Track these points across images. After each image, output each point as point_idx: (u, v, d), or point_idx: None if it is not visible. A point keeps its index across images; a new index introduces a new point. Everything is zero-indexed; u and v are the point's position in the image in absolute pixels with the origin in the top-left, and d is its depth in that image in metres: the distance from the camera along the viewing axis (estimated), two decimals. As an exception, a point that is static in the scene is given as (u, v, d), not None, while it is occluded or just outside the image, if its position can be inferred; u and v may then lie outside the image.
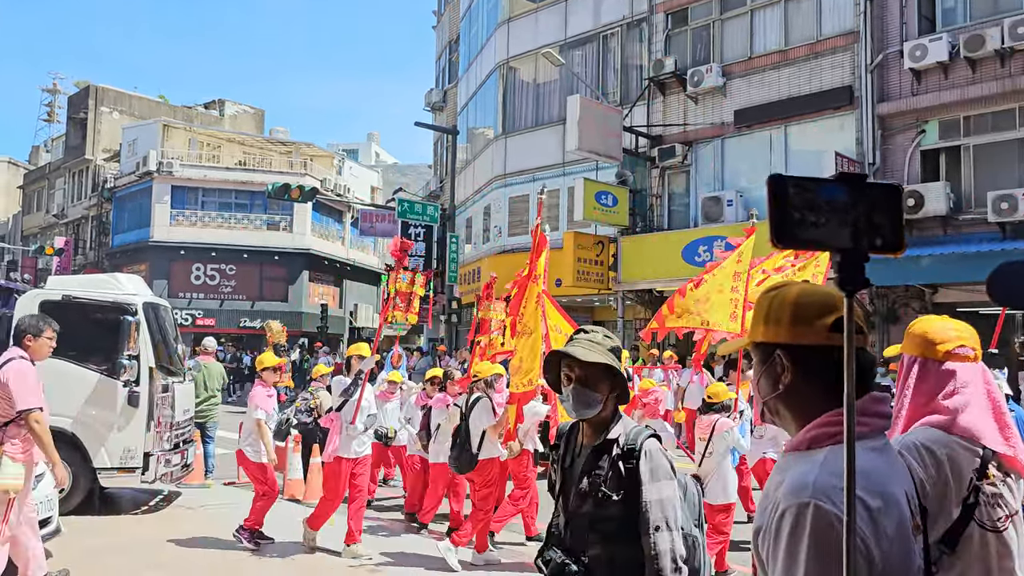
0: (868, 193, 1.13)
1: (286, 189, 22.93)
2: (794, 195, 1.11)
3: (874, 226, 1.12)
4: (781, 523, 1.31)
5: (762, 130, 16.75)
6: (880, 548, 1.28)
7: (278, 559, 6.96)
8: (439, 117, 30.91)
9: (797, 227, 1.11)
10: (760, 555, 1.40)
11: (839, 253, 1.12)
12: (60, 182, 47.17)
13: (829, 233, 1.11)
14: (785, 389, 1.48)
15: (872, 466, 1.36)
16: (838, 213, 1.11)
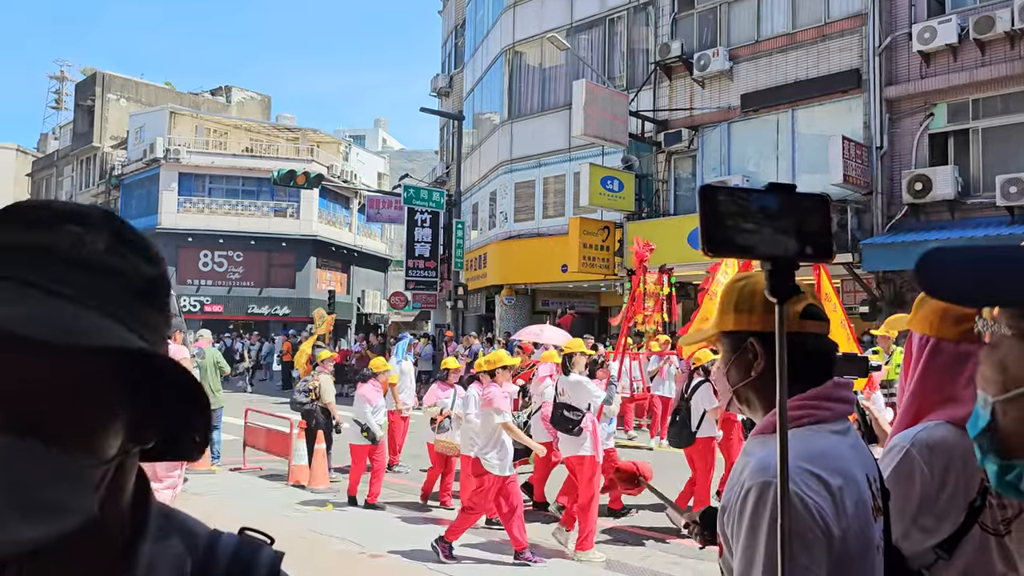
0: (798, 202, 1.16)
1: (292, 176, 22.92)
2: (725, 203, 1.13)
3: (804, 234, 1.14)
4: (744, 502, 1.33)
5: (769, 114, 16.63)
6: (839, 526, 1.30)
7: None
8: (445, 103, 30.82)
9: (729, 234, 1.13)
10: (724, 532, 1.42)
11: (770, 261, 1.14)
12: (68, 169, 47.32)
13: (760, 241, 1.13)
14: (758, 376, 1.49)
15: (833, 448, 1.40)
16: (770, 221, 1.13)
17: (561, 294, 23.11)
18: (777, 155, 16.61)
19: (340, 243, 39.90)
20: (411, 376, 11.85)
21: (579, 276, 18.65)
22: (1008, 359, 0.71)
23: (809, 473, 1.32)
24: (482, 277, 24.06)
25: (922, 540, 1.58)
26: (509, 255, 22.17)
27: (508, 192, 22.52)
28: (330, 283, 38.15)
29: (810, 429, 1.41)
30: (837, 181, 14.20)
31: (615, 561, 6.69)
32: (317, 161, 37.25)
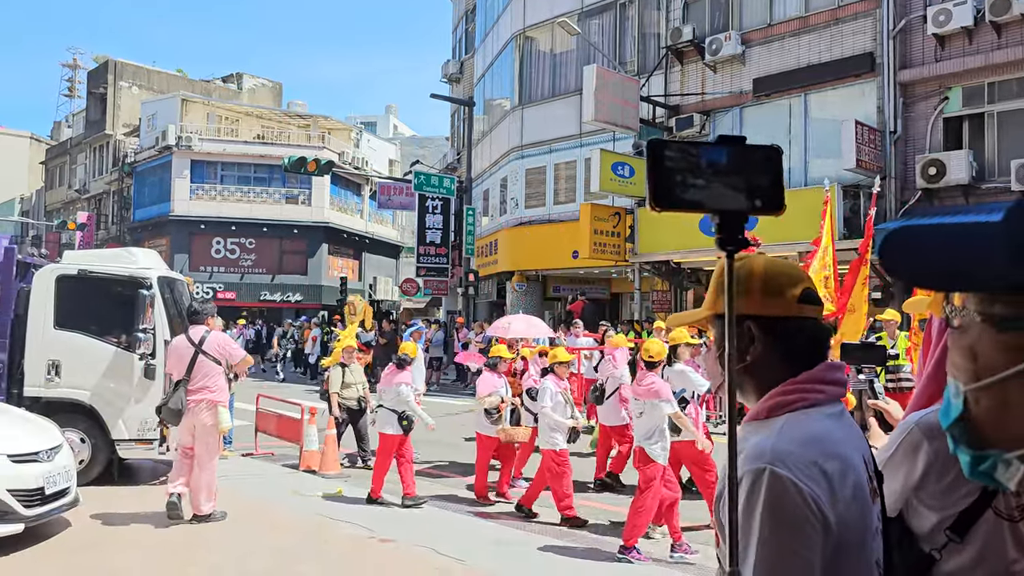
0: (748, 155, 1.14)
1: (302, 163, 22.93)
2: (674, 158, 1.12)
3: (754, 187, 1.13)
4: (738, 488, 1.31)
5: (781, 99, 16.49)
6: (835, 511, 1.29)
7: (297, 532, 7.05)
8: (456, 88, 30.73)
9: (677, 190, 1.12)
10: (720, 520, 1.40)
11: (719, 214, 1.14)
12: (82, 157, 47.53)
13: (708, 195, 1.13)
14: (752, 360, 1.47)
15: (827, 432, 1.38)
16: (719, 176, 1.12)
17: (572, 280, 23.07)
18: (790, 140, 16.48)
19: (352, 230, 39.96)
20: (421, 362, 11.88)
21: (590, 262, 18.61)
22: (978, 346, 0.68)
23: (803, 458, 1.30)
24: (493, 263, 24.04)
25: (930, 517, 1.55)
26: (520, 241, 22.14)
27: (519, 178, 22.46)
28: (342, 270, 38.23)
29: (804, 413, 1.39)
30: (850, 166, 14.09)
31: (598, 539, 6.69)
32: (328, 148, 37.26)
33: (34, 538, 6.29)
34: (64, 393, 8.46)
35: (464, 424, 14.31)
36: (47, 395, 8.45)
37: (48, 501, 6.30)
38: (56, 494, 6.39)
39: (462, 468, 10.24)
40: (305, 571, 5.80)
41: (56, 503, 6.41)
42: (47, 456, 6.40)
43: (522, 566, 5.99)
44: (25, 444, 6.33)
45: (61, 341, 8.51)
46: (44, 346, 8.50)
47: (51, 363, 8.47)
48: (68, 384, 8.48)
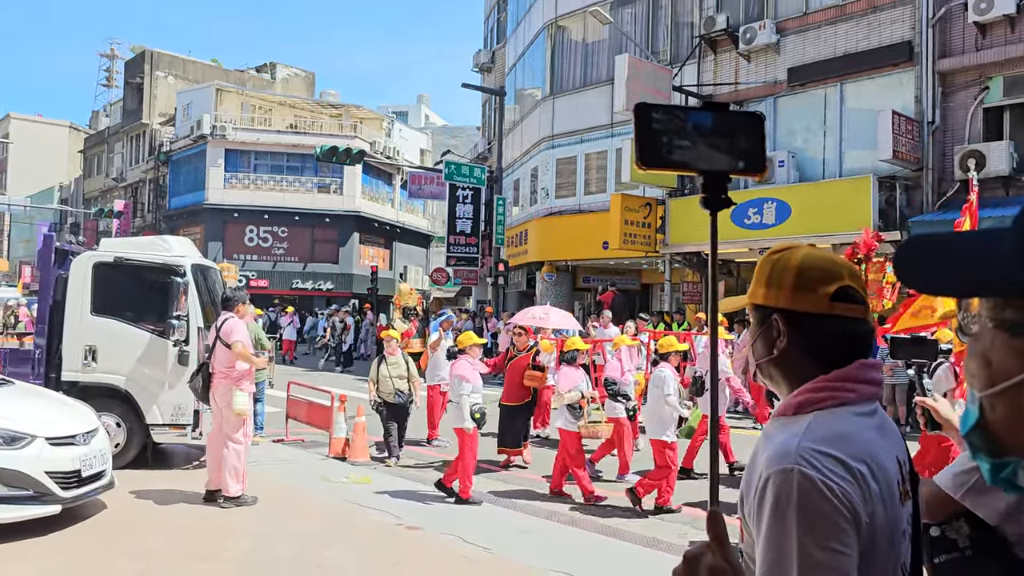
0: (732, 119, 1.20)
1: (334, 152, 23.06)
2: (660, 121, 1.17)
3: (737, 150, 1.19)
4: (764, 490, 1.29)
5: (817, 88, 16.26)
6: (866, 510, 1.26)
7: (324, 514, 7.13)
8: (487, 78, 30.69)
9: (663, 150, 1.17)
10: (745, 520, 1.38)
11: (703, 175, 1.19)
12: (119, 146, 48.25)
13: (693, 155, 1.18)
14: (779, 354, 1.46)
15: (857, 431, 1.35)
16: (703, 137, 1.17)
17: (602, 271, 23.00)
18: (824, 130, 16.25)
19: (383, 219, 40.16)
20: (443, 352, 11.89)
21: (620, 253, 18.52)
22: (991, 352, 0.68)
23: (830, 457, 1.27)
24: (523, 254, 24.04)
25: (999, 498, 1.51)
26: (550, 231, 22.11)
27: (550, 168, 22.41)
28: (373, 259, 38.45)
29: (832, 412, 1.36)
30: (886, 157, 13.87)
31: (618, 529, 6.70)
32: (360, 137, 37.43)
33: (71, 519, 6.43)
34: (100, 378, 8.63)
35: (492, 414, 14.34)
36: (84, 380, 8.61)
37: (85, 483, 6.44)
38: (92, 476, 6.53)
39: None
40: (333, 556, 5.87)
41: (92, 485, 6.54)
42: (84, 439, 6.53)
43: (548, 554, 6.01)
44: (63, 427, 6.47)
45: (98, 327, 8.67)
46: (81, 332, 8.67)
47: (88, 348, 8.64)
48: (104, 369, 8.64)
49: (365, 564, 5.72)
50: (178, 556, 5.81)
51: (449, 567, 5.75)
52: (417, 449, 10.74)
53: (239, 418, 7.33)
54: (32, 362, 9.01)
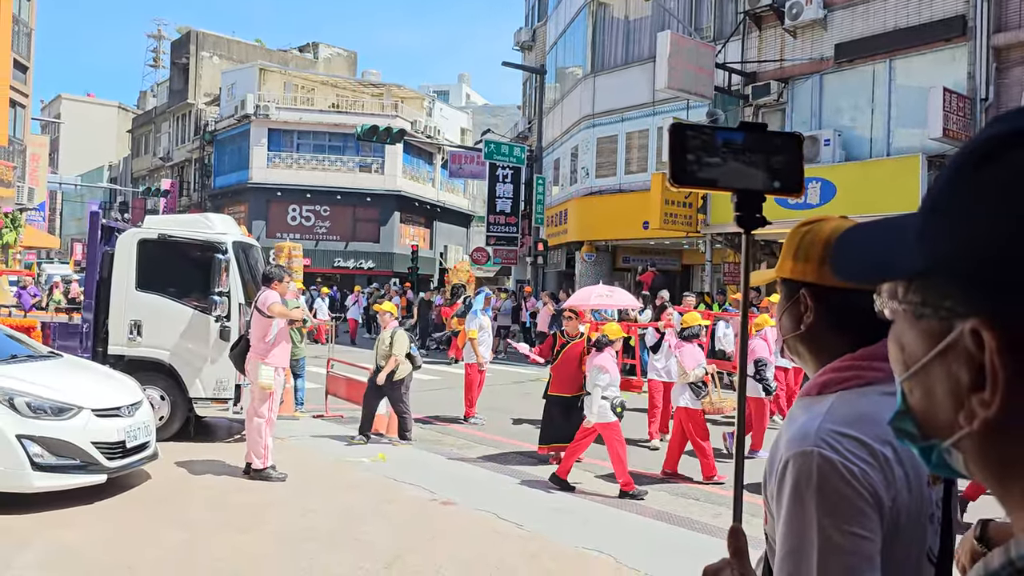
0: (768, 139, 1.18)
1: (374, 131, 23.17)
2: (693, 139, 1.16)
3: (773, 169, 1.17)
4: (785, 473, 1.26)
5: (865, 65, 15.85)
6: (889, 494, 1.23)
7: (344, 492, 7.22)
8: (528, 57, 30.50)
9: (696, 168, 1.16)
10: (768, 501, 1.36)
11: (737, 193, 1.18)
12: (165, 126, 49.04)
13: (727, 174, 1.17)
14: (807, 329, 1.42)
15: (884, 412, 1.29)
16: (738, 156, 1.16)
17: (642, 251, 22.83)
18: (872, 108, 15.86)
19: (423, 198, 40.30)
20: (489, 331, 11.96)
21: (660, 233, 18.35)
22: (904, 336, 0.68)
23: (852, 439, 1.23)
24: (563, 233, 23.95)
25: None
26: (590, 211, 21.98)
27: (590, 147, 22.24)
28: (413, 238, 38.65)
29: (857, 392, 1.32)
30: (936, 135, 13.49)
31: (655, 510, 6.67)
32: (401, 116, 37.53)
33: (117, 488, 6.61)
34: (145, 352, 8.83)
35: (530, 392, 14.41)
36: (129, 354, 8.82)
37: (129, 454, 6.61)
38: (137, 447, 6.70)
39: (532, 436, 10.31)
40: (369, 531, 5.95)
41: (137, 456, 6.72)
42: (128, 411, 6.70)
43: (582, 533, 6.02)
44: (108, 399, 6.64)
45: (142, 302, 8.86)
46: (127, 307, 8.87)
47: (133, 323, 8.83)
48: (149, 344, 8.84)
49: (400, 538, 5.79)
50: (220, 527, 5.94)
51: (483, 543, 5.79)
52: (454, 426, 10.82)
53: (264, 392, 7.44)
54: (80, 336, 9.25)
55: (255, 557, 5.32)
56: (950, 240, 0.61)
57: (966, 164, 0.62)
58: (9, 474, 5.91)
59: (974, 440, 0.62)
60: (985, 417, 0.60)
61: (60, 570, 4.94)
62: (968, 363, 0.61)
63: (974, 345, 0.60)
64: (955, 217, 0.62)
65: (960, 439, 0.63)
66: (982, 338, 0.59)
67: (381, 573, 5.09)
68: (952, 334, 0.62)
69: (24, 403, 6.07)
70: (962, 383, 0.62)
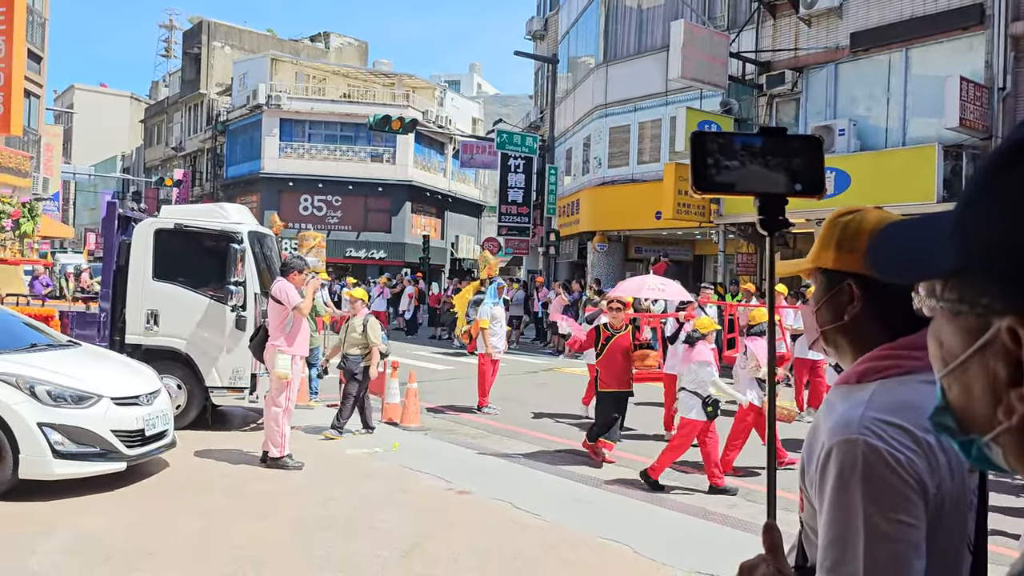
0: (787, 142, 1.21)
1: (387, 121, 23.17)
2: (714, 146, 1.19)
3: (793, 172, 1.19)
4: (828, 461, 1.26)
5: (880, 54, 15.73)
6: (933, 482, 1.23)
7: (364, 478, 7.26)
8: (540, 46, 30.40)
9: (718, 174, 1.19)
10: (806, 489, 1.36)
11: (759, 197, 1.20)
12: (178, 116, 49.15)
13: (746, 178, 1.19)
14: (850, 320, 1.42)
15: (925, 400, 1.29)
16: (755, 159, 1.19)
17: (655, 241, 22.78)
18: (888, 98, 15.75)
19: (435, 188, 40.29)
20: (502, 321, 11.98)
21: (673, 223, 18.31)
22: (942, 333, 0.69)
23: (896, 427, 1.23)
24: (575, 223, 23.92)
25: None
26: (602, 201, 21.93)
27: (602, 137, 22.18)
28: (425, 228, 38.68)
29: (898, 380, 1.31)
30: (952, 125, 13.38)
31: (671, 500, 6.68)
32: (412, 106, 37.50)
33: (136, 476, 6.67)
34: (162, 341, 8.88)
35: (543, 383, 14.43)
36: (146, 343, 8.88)
37: (148, 442, 6.67)
38: (155, 436, 6.75)
39: (555, 428, 10.33)
40: (386, 519, 5.98)
41: (155, 444, 6.77)
42: (147, 400, 6.75)
43: (598, 522, 6.04)
44: (127, 388, 6.69)
45: (159, 292, 8.91)
46: (144, 296, 8.92)
47: (150, 312, 8.89)
48: (165, 333, 8.90)
49: (417, 527, 5.82)
50: (238, 515, 5.98)
51: (500, 532, 5.81)
52: (467, 416, 10.85)
53: (280, 381, 7.48)
54: (97, 325, 9.31)
55: (273, 544, 5.36)
56: (985, 239, 0.62)
57: (999, 163, 0.63)
58: (31, 461, 5.97)
59: (1013, 435, 0.63)
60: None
61: (83, 555, 4.99)
62: (1006, 359, 0.62)
63: (1011, 341, 0.61)
64: (989, 216, 0.63)
65: (999, 434, 0.64)
66: (1019, 335, 0.60)
67: (399, 562, 5.12)
68: (990, 331, 0.63)
69: (45, 391, 6.13)
70: (1000, 379, 0.63)
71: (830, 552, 1.22)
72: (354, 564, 5.05)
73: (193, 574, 4.81)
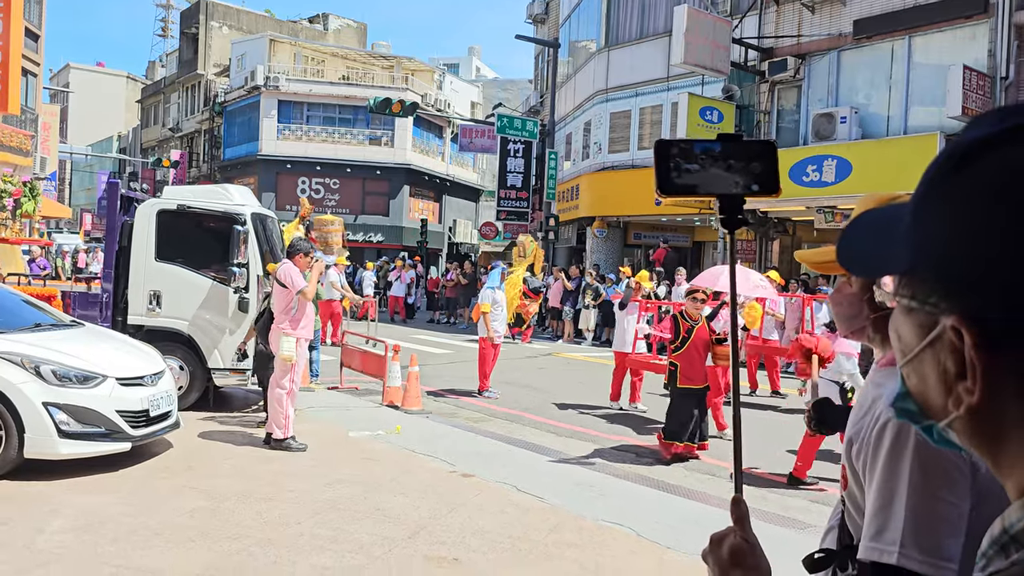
0: (744, 146, 1.29)
1: (388, 103, 23.08)
2: (677, 152, 1.27)
3: (752, 174, 1.27)
4: (882, 435, 1.32)
5: (883, 41, 15.70)
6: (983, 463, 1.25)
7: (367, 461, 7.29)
8: (541, 30, 30.26)
9: (674, 175, 1.26)
10: (853, 465, 1.39)
11: (719, 198, 1.29)
12: (175, 96, 48.88)
13: (707, 180, 1.27)
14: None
15: None
16: (714, 163, 1.27)
17: (654, 227, 22.79)
18: (890, 85, 15.73)
19: (433, 172, 40.18)
20: (503, 305, 11.99)
21: (673, 210, 18.33)
22: (899, 326, 0.72)
23: None
24: (574, 208, 23.91)
25: None
26: (602, 186, 21.92)
27: (603, 122, 22.13)
28: (423, 212, 38.61)
29: None
30: (955, 114, 13.38)
31: (675, 486, 6.73)
32: (411, 89, 37.34)
33: (140, 456, 6.69)
34: (164, 322, 8.89)
35: (543, 367, 14.48)
36: (149, 324, 8.88)
37: (152, 423, 6.68)
38: (159, 416, 6.77)
39: (563, 412, 10.37)
40: (389, 500, 6.02)
41: (160, 425, 6.79)
42: (151, 380, 6.76)
43: (601, 506, 6.08)
44: (132, 368, 6.70)
45: (162, 273, 8.90)
46: (146, 277, 8.91)
47: (152, 293, 8.88)
48: (168, 314, 8.90)
49: (422, 509, 5.85)
50: (243, 495, 6.01)
51: (502, 514, 5.85)
52: (468, 400, 10.89)
53: (286, 363, 7.49)
54: (100, 306, 9.31)
55: (279, 525, 5.39)
56: (930, 242, 0.66)
57: (944, 169, 0.66)
58: (36, 440, 5.99)
59: (963, 423, 0.67)
60: (969, 404, 0.64)
61: (90, 534, 5.02)
62: (953, 355, 0.65)
63: (956, 339, 0.64)
64: (934, 220, 0.66)
65: (952, 421, 0.68)
66: (962, 333, 0.63)
67: (405, 543, 5.16)
68: (937, 328, 0.66)
69: (50, 371, 6.14)
70: (950, 372, 0.66)
71: (874, 521, 1.27)
72: (361, 545, 5.08)
73: (200, 553, 4.84)
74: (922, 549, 1.24)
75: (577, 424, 9.55)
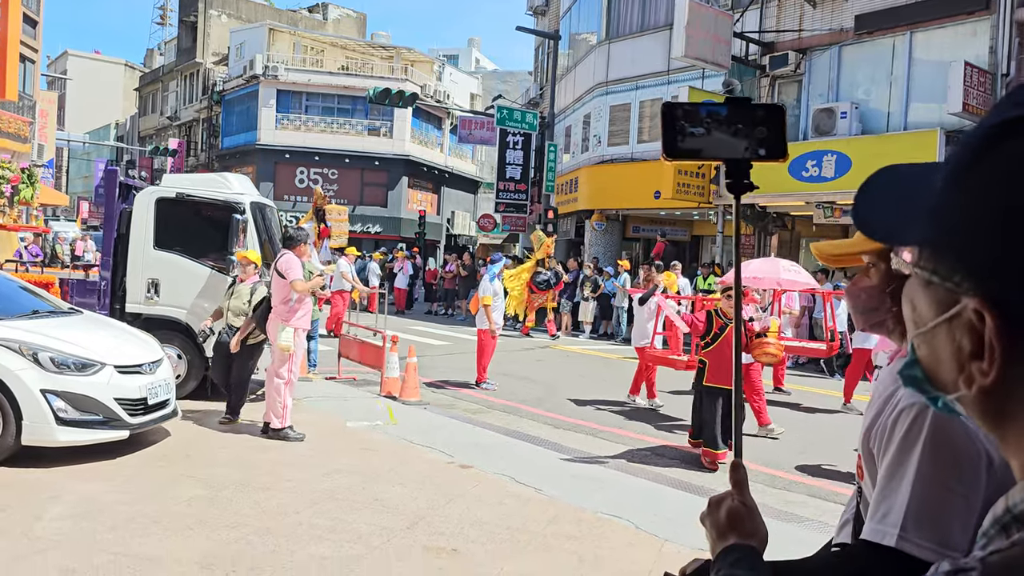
0: (751, 110, 1.27)
1: (387, 94, 23.02)
2: (684, 115, 1.26)
3: (758, 139, 1.26)
4: (898, 420, 1.31)
5: (884, 37, 15.67)
6: (999, 454, 1.25)
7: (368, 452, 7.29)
8: (541, 21, 30.15)
9: (687, 142, 1.25)
10: (870, 452, 1.38)
11: (725, 163, 1.28)
12: (173, 85, 48.69)
13: (713, 144, 1.26)
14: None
15: None
16: (720, 127, 1.25)
17: (653, 221, 22.77)
18: (890, 81, 15.71)
19: (431, 163, 40.11)
20: (502, 297, 11.97)
21: (672, 203, 18.30)
22: (915, 297, 0.72)
23: None
24: (573, 201, 23.87)
25: None
26: (601, 179, 21.88)
27: (603, 115, 22.08)
28: (421, 203, 38.56)
29: None
30: (955, 110, 13.37)
31: (672, 478, 6.74)
32: (411, 80, 37.24)
33: (138, 444, 6.69)
34: (162, 311, 8.87)
35: (540, 359, 14.48)
36: (147, 312, 8.86)
37: (151, 411, 6.67)
38: (158, 404, 6.76)
39: (566, 406, 10.38)
40: (387, 490, 6.02)
41: (158, 413, 6.78)
42: (150, 369, 6.75)
43: (599, 498, 6.09)
44: (130, 356, 6.69)
45: (160, 261, 8.88)
46: (144, 265, 8.89)
47: (151, 282, 8.86)
48: (166, 302, 8.88)
49: (421, 500, 5.86)
50: (241, 484, 6.00)
51: (500, 506, 5.85)
52: (466, 391, 10.88)
53: (284, 353, 7.48)
54: (98, 293, 9.28)
55: (277, 514, 5.39)
56: (957, 226, 0.65)
57: (968, 157, 0.65)
58: (34, 427, 5.98)
59: (974, 401, 0.67)
60: (982, 384, 0.64)
61: (89, 522, 5.01)
62: (971, 334, 0.65)
63: (977, 320, 0.64)
64: (960, 205, 0.65)
65: (960, 397, 0.68)
66: (984, 316, 0.63)
67: (404, 533, 5.16)
68: (957, 306, 0.66)
69: (48, 358, 6.13)
70: (964, 350, 0.66)
71: (881, 504, 1.26)
72: (359, 535, 5.08)
73: (198, 541, 4.83)
74: (923, 535, 1.23)
75: (575, 416, 9.55)
